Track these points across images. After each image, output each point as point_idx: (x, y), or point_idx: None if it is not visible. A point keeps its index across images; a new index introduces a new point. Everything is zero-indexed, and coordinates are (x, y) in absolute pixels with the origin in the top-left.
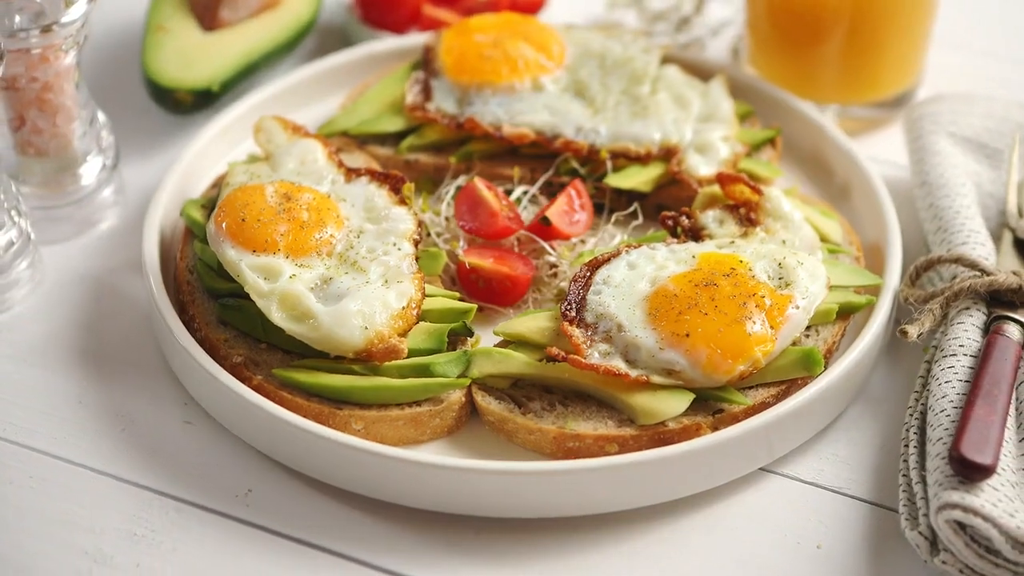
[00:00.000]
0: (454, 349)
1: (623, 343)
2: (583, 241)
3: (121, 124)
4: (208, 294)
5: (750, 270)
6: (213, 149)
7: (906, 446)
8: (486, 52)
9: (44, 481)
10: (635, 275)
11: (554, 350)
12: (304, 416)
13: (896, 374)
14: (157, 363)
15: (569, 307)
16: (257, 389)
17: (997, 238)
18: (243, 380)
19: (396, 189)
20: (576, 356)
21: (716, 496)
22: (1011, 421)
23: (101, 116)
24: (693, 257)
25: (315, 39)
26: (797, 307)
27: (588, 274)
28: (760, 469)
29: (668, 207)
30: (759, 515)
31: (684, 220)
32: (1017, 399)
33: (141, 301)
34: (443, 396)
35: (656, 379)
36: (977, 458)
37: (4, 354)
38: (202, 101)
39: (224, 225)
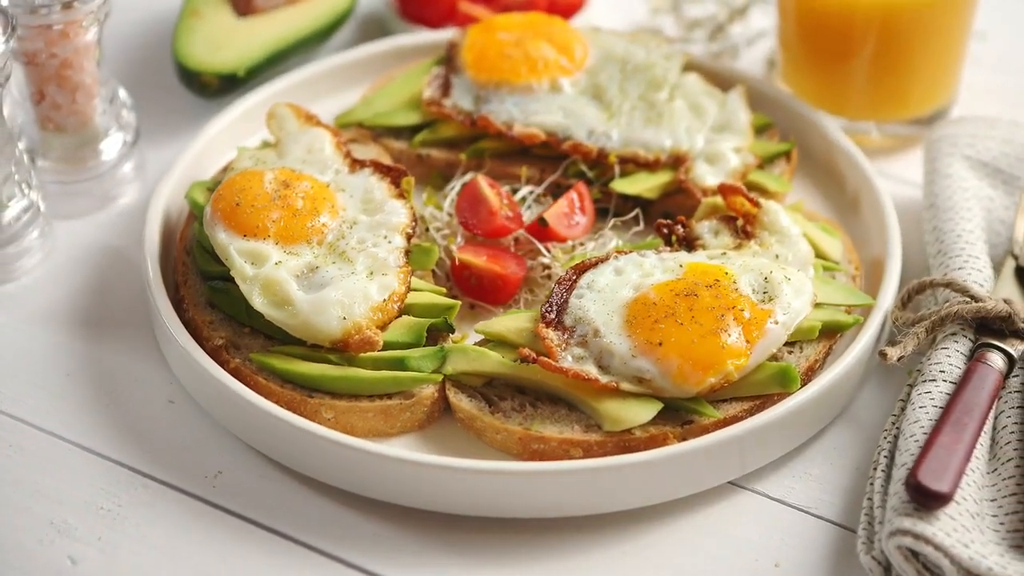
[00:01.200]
0: (435, 344)
1: (598, 348)
2: (583, 244)
3: (151, 105)
4: (201, 276)
5: (734, 282)
6: (233, 133)
7: (875, 469)
8: (507, 51)
9: (21, 450)
10: (620, 281)
11: (525, 351)
12: (276, 402)
13: (884, 397)
14: (150, 341)
15: (549, 309)
16: (234, 372)
17: (1002, 265)
18: (221, 362)
19: (397, 182)
20: (546, 358)
21: (682, 507)
22: (982, 451)
23: (123, 94)
24: (681, 266)
25: (354, 30)
26: (776, 322)
27: (574, 277)
28: (730, 483)
29: (674, 215)
30: (722, 529)
31: (679, 229)
32: (997, 428)
33: (142, 278)
34: (415, 390)
35: (626, 386)
36: (934, 485)
37: (4, 323)
38: (228, 85)
39: (219, 208)
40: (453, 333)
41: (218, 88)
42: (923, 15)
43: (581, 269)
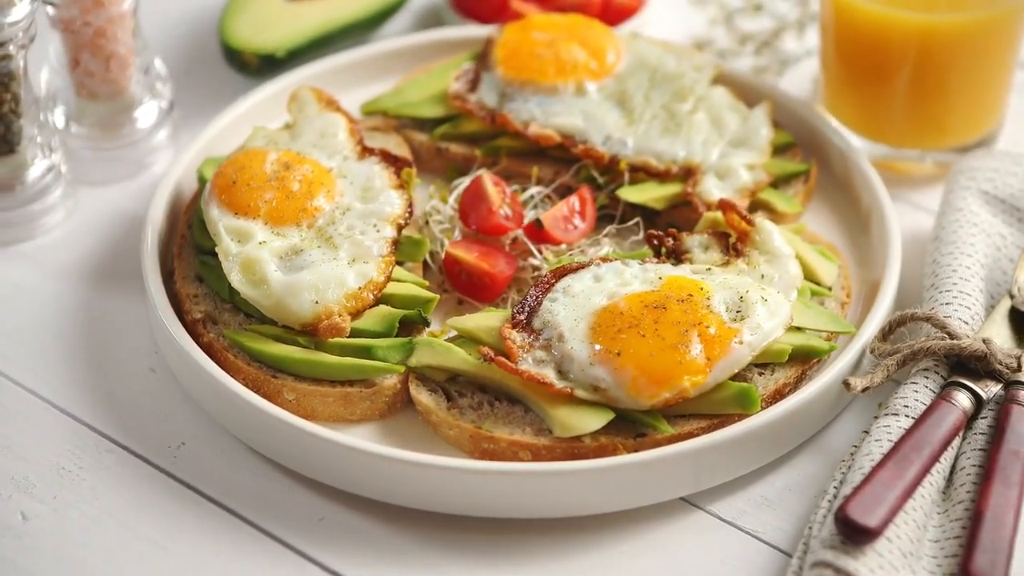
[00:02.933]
0: (409, 336)
1: (560, 353)
2: (582, 251)
3: (197, 81)
4: (196, 250)
5: (708, 299)
6: (263, 112)
7: (823, 499)
8: (538, 51)
9: (0, 405)
10: (596, 288)
11: (485, 349)
12: (243, 379)
13: (860, 429)
14: (143, 310)
15: (521, 310)
16: (207, 346)
17: (997, 304)
18: (196, 335)
19: (400, 173)
20: (503, 358)
21: (629, 520)
22: (932, 490)
23: (160, 67)
24: (660, 278)
25: (410, 21)
26: (741, 342)
27: (552, 281)
28: (684, 500)
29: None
30: (665, 545)
31: (669, 241)
32: (956, 469)
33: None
34: (377, 379)
35: (581, 393)
36: (862, 520)
37: (10, 280)
38: (267, 66)
39: (216, 185)
40: (428, 326)
41: (258, 68)
42: (962, 38)
43: (561, 273)
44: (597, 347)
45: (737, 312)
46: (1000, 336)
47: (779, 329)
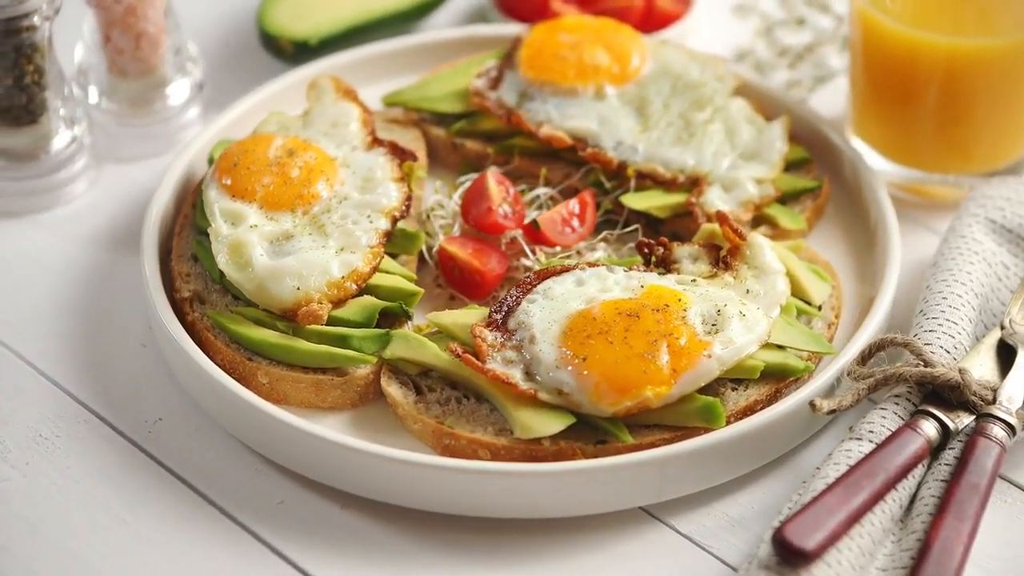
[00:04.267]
0: (390, 328)
1: (530, 355)
2: (579, 253)
3: (233, 63)
4: (195, 230)
5: (684, 310)
6: (287, 98)
7: (776, 520)
8: (561, 52)
9: None
10: (576, 292)
11: (453, 345)
12: (221, 360)
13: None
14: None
15: (498, 310)
16: (190, 325)
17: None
18: (181, 314)
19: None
20: (470, 356)
21: (586, 526)
22: (885, 518)
23: (192, 47)
24: (641, 287)
25: (455, 18)
26: (710, 356)
27: (534, 282)
28: (644, 511)
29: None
30: (616, 554)
31: (659, 250)
32: (917, 499)
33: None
34: (349, 369)
35: (544, 396)
36: (797, 542)
37: (24, 249)
38: (301, 53)
39: (218, 167)
40: (410, 319)
41: (292, 54)
42: (989, 62)
43: (544, 275)
44: (564, 351)
45: (713, 325)
46: (982, 367)
47: (753, 345)
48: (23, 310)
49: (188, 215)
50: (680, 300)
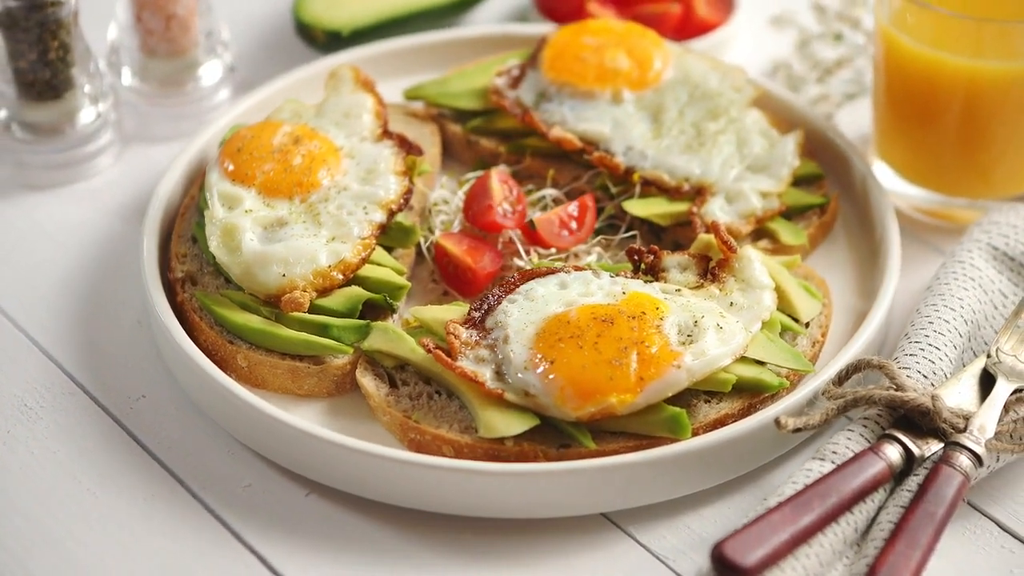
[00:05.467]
0: (375, 320)
1: (502, 354)
2: (576, 256)
3: (269, 48)
4: (197, 211)
5: (660, 319)
6: (312, 87)
7: None
8: (583, 54)
9: None
10: (557, 295)
11: (425, 340)
12: (203, 341)
13: None
14: None
15: (477, 308)
16: (179, 305)
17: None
18: (173, 294)
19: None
20: (441, 352)
21: (543, 529)
22: (837, 540)
23: (224, 31)
24: (623, 293)
25: (495, 14)
26: (679, 366)
27: (518, 283)
28: (606, 518)
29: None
30: (571, 559)
31: (649, 257)
32: (876, 523)
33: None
34: (325, 358)
35: (510, 396)
36: (734, 558)
37: (40, 221)
38: (333, 42)
39: (223, 151)
40: (394, 312)
41: (325, 43)
42: (1009, 86)
43: (528, 276)
44: (534, 352)
45: (688, 336)
46: (961, 395)
47: (727, 358)
48: (28, 281)
49: (195, 197)
50: (658, 309)
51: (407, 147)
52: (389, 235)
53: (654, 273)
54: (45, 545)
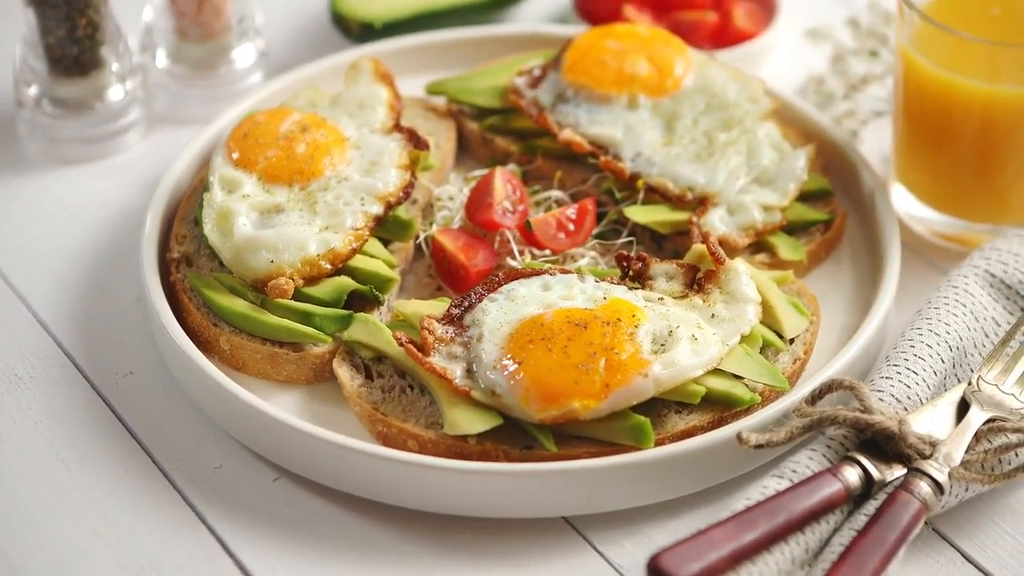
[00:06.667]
0: (361, 311)
1: (475, 352)
2: (573, 259)
3: (305, 37)
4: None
5: (635, 326)
6: (335, 77)
7: None
8: (604, 58)
9: None
10: (538, 296)
11: (399, 334)
12: (190, 321)
13: None
14: None
15: (458, 304)
16: (172, 285)
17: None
18: (167, 274)
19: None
20: (412, 346)
21: (503, 530)
22: (784, 560)
23: (258, 18)
24: (604, 298)
25: (534, 14)
26: (646, 375)
27: (501, 282)
28: (565, 521)
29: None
30: (525, 561)
31: (637, 264)
32: (830, 545)
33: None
34: (304, 345)
35: (477, 395)
36: (669, 569)
37: (57, 195)
38: (367, 34)
39: (231, 135)
40: (381, 304)
41: (359, 35)
42: None
43: (512, 276)
44: (504, 353)
45: (662, 345)
46: (935, 422)
47: (698, 369)
48: (39, 253)
49: (203, 178)
50: (635, 316)
51: (416, 141)
52: (386, 228)
53: (641, 280)
54: (11, 510)
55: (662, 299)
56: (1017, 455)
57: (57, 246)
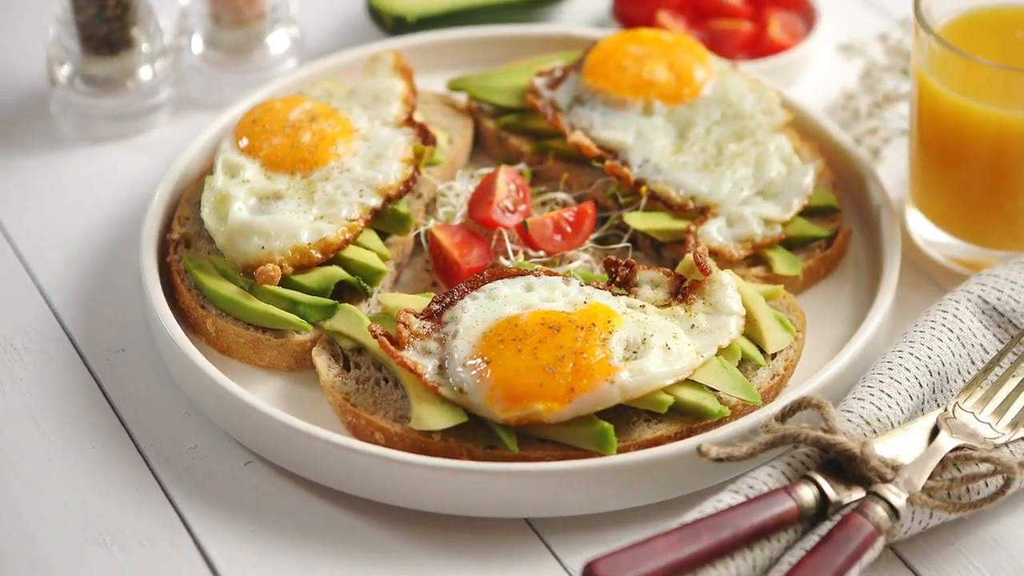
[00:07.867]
0: (349, 302)
1: (448, 349)
2: (570, 261)
3: (341, 27)
4: None
5: (609, 332)
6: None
7: None
8: (624, 63)
9: None
10: (519, 297)
11: (373, 326)
12: (181, 302)
13: None
14: None
15: (440, 300)
16: (169, 264)
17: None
18: (164, 254)
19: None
20: (385, 339)
21: (464, 528)
22: (727, 574)
23: (293, 7)
24: (585, 302)
25: (572, 15)
26: (612, 382)
27: (485, 280)
28: (526, 523)
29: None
30: (480, 560)
31: (624, 270)
32: (780, 562)
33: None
34: (286, 332)
35: (445, 391)
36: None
37: (81, 173)
38: (400, 27)
39: (241, 121)
40: (369, 296)
41: (392, 28)
42: None
43: (497, 275)
44: (475, 351)
45: (633, 353)
46: (905, 446)
47: (668, 379)
48: (53, 228)
49: (213, 162)
50: (610, 322)
51: (425, 136)
52: (384, 220)
53: (627, 286)
54: None
55: (644, 307)
56: (987, 485)
57: (72, 222)
